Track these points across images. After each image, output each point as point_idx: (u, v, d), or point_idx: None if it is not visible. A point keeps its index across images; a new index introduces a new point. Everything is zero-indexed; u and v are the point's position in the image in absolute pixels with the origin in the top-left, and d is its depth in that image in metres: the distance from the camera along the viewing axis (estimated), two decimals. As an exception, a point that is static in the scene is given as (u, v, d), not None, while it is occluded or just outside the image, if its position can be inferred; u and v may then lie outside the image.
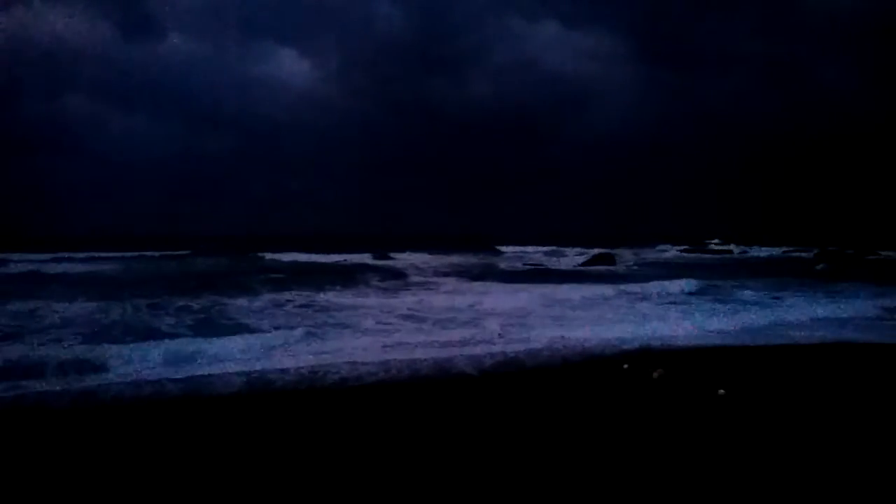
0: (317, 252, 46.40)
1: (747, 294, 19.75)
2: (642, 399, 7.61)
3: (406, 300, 18.34)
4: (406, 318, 15.09)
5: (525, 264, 41.04)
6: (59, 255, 40.58)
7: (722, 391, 7.72)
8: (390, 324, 14.22)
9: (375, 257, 43.97)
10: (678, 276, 24.05)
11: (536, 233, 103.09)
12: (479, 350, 11.20)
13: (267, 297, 17.94)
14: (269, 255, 42.17)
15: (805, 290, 20.99)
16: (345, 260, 41.26)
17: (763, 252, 54.91)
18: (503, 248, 59.78)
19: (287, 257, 41.93)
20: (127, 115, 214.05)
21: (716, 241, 68.94)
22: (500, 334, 12.82)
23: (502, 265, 40.01)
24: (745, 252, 55.75)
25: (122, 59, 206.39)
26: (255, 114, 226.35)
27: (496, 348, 11.43)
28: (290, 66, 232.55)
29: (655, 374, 8.65)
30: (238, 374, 8.83)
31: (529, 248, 60.77)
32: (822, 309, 15.90)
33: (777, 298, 18.57)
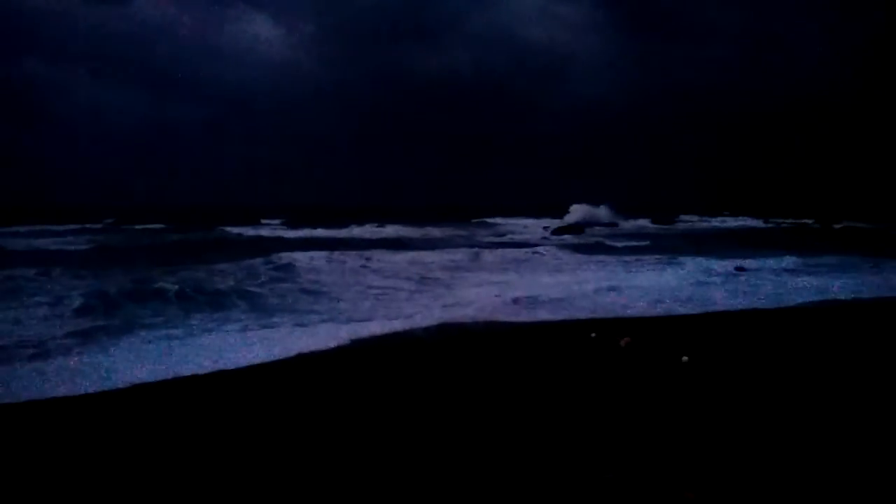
0: (307, 226, 45.96)
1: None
2: (609, 366, 7.95)
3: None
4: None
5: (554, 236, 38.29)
6: (26, 227, 39.66)
7: (685, 358, 8.10)
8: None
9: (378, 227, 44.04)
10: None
11: (516, 203, 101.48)
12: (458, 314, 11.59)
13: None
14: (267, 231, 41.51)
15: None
16: (348, 234, 40.43)
17: (743, 222, 55.47)
18: (494, 220, 57.78)
19: (259, 231, 41.63)
20: (89, 80, 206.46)
21: (725, 212, 67.14)
22: None
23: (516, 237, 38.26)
24: (706, 221, 56.74)
25: (85, 20, 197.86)
26: (225, 80, 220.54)
27: (469, 313, 11.89)
28: (263, 31, 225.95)
29: (622, 343, 9.01)
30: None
31: (524, 220, 57.36)
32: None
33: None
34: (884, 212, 57.73)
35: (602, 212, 54.89)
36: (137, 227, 45.17)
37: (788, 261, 20.74)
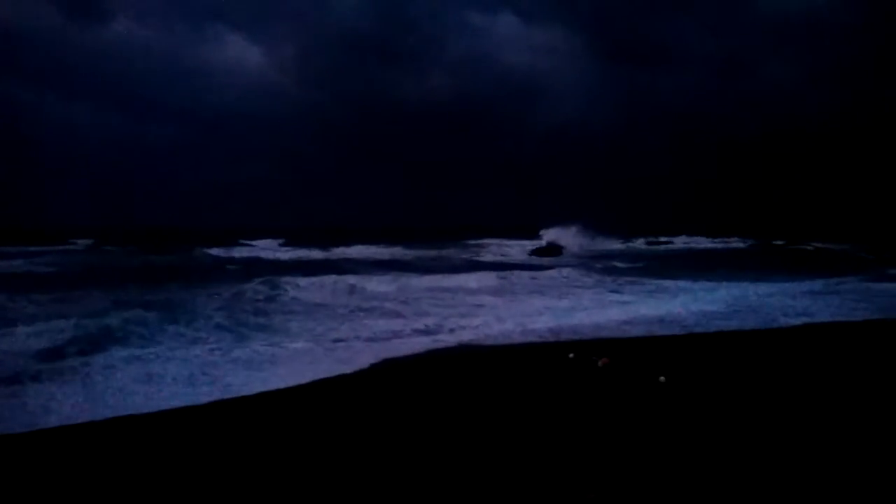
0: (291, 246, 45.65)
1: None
2: (588, 386, 8.10)
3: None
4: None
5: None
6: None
7: (663, 378, 8.28)
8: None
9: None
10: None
11: (498, 224, 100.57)
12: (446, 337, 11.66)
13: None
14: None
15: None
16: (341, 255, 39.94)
17: (724, 244, 56.18)
18: (477, 241, 56.82)
19: (239, 252, 41.41)
20: (68, 101, 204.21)
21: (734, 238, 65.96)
22: None
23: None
24: (687, 244, 57.65)
25: (64, 41, 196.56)
26: (204, 102, 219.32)
27: (452, 336, 11.99)
28: (242, 53, 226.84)
29: (600, 363, 9.18)
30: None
31: (506, 241, 55.33)
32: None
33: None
34: (846, 233, 59.39)
35: (583, 234, 55.31)
36: (116, 248, 44.65)
37: (773, 281, 21.14)
